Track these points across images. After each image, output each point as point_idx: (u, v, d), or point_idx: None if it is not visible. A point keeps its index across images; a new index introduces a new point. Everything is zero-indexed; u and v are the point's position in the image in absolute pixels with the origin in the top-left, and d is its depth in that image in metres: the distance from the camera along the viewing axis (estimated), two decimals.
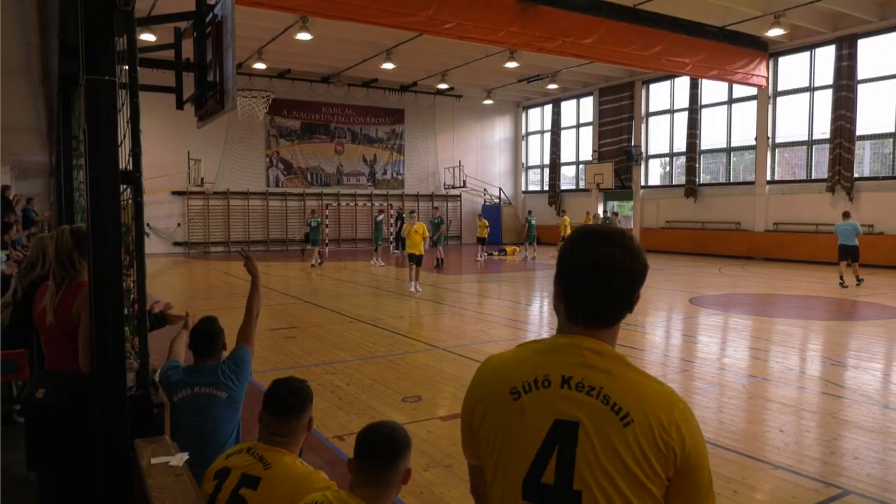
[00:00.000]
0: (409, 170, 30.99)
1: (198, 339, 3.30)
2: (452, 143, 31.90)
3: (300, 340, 8.75)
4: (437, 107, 31.14)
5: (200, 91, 3.82)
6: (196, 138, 24.03)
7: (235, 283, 16.19)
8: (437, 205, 31.35)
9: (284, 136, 28.00)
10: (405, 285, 15.69)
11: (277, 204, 27.71)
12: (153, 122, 22.02)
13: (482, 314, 11.13)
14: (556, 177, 30.97)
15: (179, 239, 25.94)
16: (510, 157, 33.92)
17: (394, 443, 2.06)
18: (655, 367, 7.37)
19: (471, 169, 31.78)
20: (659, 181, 27.47)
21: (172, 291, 14.25)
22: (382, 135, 30.31)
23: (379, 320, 10.33)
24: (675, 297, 13.41)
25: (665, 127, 26.48)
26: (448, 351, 8.07)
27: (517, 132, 33.85)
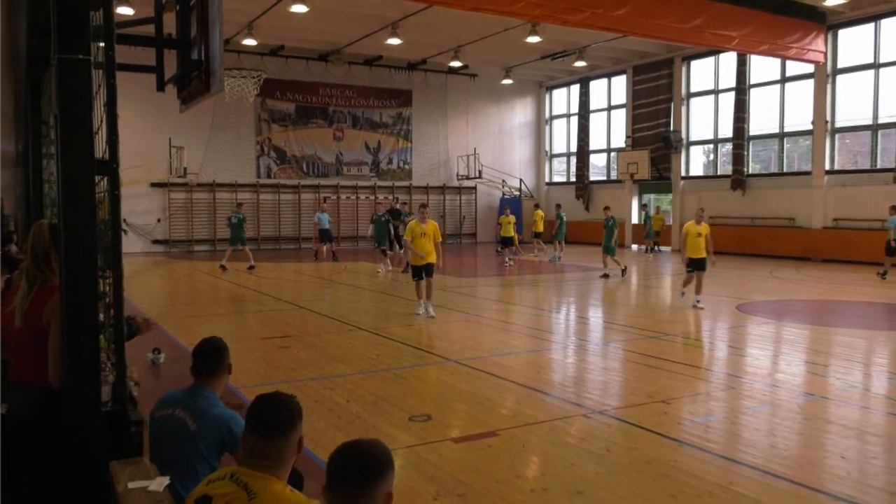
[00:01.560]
0: (417, 158, 31.02)
1: (198, 358, 3.33)
2: (466, 128, 31.89)
3: (294, 351, 8.77)
4: (448, 87, 31.15)
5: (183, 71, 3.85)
6: (178, 124, 24.20)
7: (222, 287, 16.27)
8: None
9: (277, 120, 28.13)
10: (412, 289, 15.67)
11: (269, 197, 27.85)
12: (131, 106, 22.20)
13: (501, 322, 11.12)
14: (584, 166, 30.87)
15: (159, 236, 26.14)
16: (532, 145, 33.85)
17: (368, 468, 2.03)
18: (698, 384, 7.33)
19: (487, 157, 31.75)
20: (701, 171, 27.28)
21: (151, 295, 14.36)
22: (387, 119, 30.37)
23: (383, 329, 10.34)
24: (720, 303, 13.31)
25: (709, 109, 26.31)
26: (462, 364, 8.06)
27: (540, 116, 33.78)
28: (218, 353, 3.35)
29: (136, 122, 23.33)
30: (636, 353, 8.65)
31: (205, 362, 3.32)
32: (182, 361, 8.05)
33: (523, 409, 6.34)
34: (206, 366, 3.31)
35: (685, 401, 6.66)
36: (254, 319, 11.66)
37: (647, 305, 13.81)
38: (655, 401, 6.53)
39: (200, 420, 3.14)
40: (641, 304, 14.11)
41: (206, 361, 3.32)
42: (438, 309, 12.29)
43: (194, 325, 10.71)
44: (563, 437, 5.59)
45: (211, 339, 3.41)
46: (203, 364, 3.31)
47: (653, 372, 7.70)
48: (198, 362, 3.32)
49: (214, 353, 3.35)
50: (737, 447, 5.39)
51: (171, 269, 20.00)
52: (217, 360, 3.33)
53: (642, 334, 9.98)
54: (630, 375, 7.70)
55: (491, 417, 6.07)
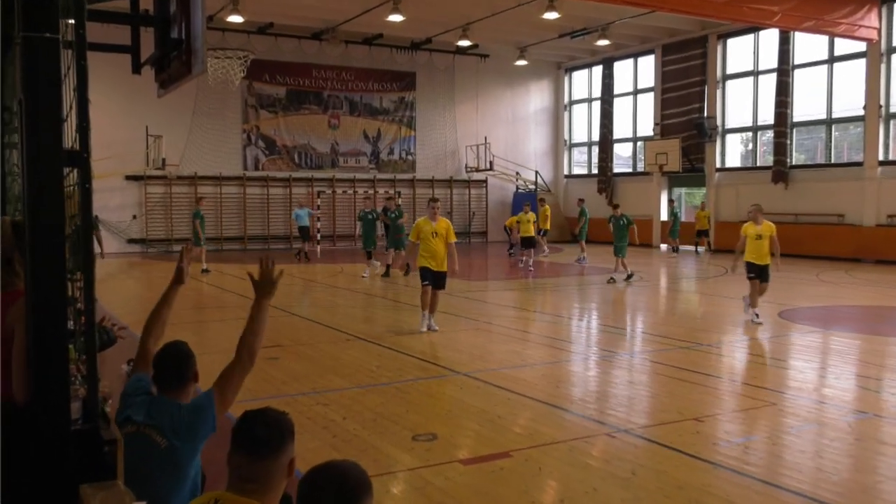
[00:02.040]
0: (421, 148, 31.05)
1: (160, 368, 3.31)
2: (476, 114, 31.90)
3: (285, 362, 8.79)
4: (456, 69, 31.18)
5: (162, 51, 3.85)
6: (156, 110, 24.30)
7: (206, 291, 16.32)
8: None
9: (266, 106, 28.22)
10: (416, 294, 15.67)
11: (257, 191, 27.93)
12: (104, 90, 22.23)
13: (514, 331, 11.11)
14: (607, 157, 30.84)
15: (135, 235, 26.25)
16: (549, 133, 33.83)
17: (343, 494, 2.03)
18: (734, 400, 7.30)
19: (500, 147, 31.76)
20: (739, 162, 27.20)
21: (126, 300, 14.41)
22: (388, 104, 30.42)
23: (384, 338, 10.35)
24: (760, 310, 13.28)
25: (747, 93, 26.23)
26: (471, 377, 8.06)
27: (558, 101, 33.76)
28: (182, 362, 3.33)
29: (109, 108, 23.42)
30: (665, 365, 8.63)
31: (167, 374, 3.29)
32: None
33: (539, 427, 6.33)
34: (169, 378, 3.28)
35: (720, 418, 6.63)
36: (239, 327, 11.62)
37: (677, 312, 13.75)
38: (687, 418, 6.51)
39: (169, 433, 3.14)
40: (671, 310, 14.06)
41: (170, 373, 3.30)
42: (445, 316, 12.28)
43: (175, 334, 10.65)
44: (584, 459, 5.57)
45: (172, 345, 3.39)
46: (165, 376, 3.29)
47: (684, 386, 7.67)
48: (159, 373, 3.30)
49: (178, 362, 3.32)
50: (779, 470, 5.36)
51: (147, 272, 20.07)
52: (181, 371, 3.32)
53: (672, 344, 9.95)
54: (659, 390, 7.67)
55: (503, 437, 6.06)
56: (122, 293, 15.08)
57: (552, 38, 28.31)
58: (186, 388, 3.34)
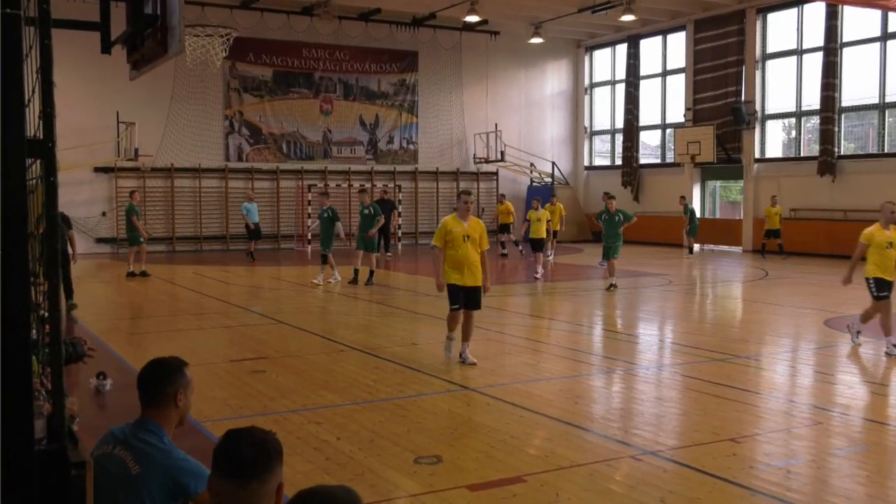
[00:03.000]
0: (424, 137, 31.09)
1: (139, 385, 3.34)
2: (486, 99, 31.92)
3: (272, 376, 8.81)
4: (464, 48, 31.21)
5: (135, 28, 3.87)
6: (129, 95, 24.35)
7: (182, 296, 16.35)
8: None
9: (250, 90, 28.29)
10: (418, 299, 15.72)
11: (240, 185, 27.99)
12: (70, 72, 22.37)
13: (529, 341, 11.11)
14: (632, 146, 30.82)
15: (105, 233, 26.33)
16: (567, 119, 33.82)
17: None
18: (775, 419, 7.29)
19: (512, 135, 31.78)
20: (781, 152, 27.16)
21: (95, 308, 14.45)
22: (387, 87, 30.46)
23: (382, 348, 10.37)
24: (805, 317, 13.23)
25: (790, 75, 26.19)
26: (480, 392, 8.07)
27: (577, 83, 33.75)
28: (162, 374, 3.35)
29: (76, 93, 23.52)
30: (698, 380, 8.62)
31: (146, 386, 3.32)
32: (133, 389, 8.08)
33: (556, 448, 6.33)
34: (146, 390, 3.31)
35: (759, 439, 6.62)
36: (221, 336, 11.71)
37: (712, 320, 13.74)
38: (722, 439, 6.51)
39: (144, 462, 3.16)
40: (704, 317, 14.04)
41: (148, 384, 3.32)
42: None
43: (148, 344, 10.77)
44: (607, 484, 5.57)
45: (158, 361, 3.41)
46: (143, 388, 3.32)
47: (719, 403, 7.67)
48: (139, 386, 3.34)
49: (158, 373, 3.34)
50: (825, 498, 5.35)
51: (118, 275, 20.12)
52: (160, 383, 3.34)
53: (706, 356, 9.94)
54: (690, 407, 7.67)
55: (516, 459, 6.06)
56: (90, 298, 15.11)
57: (571, 13, 28.30)
58: (165, 407, 3.33)
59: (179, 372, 3.39)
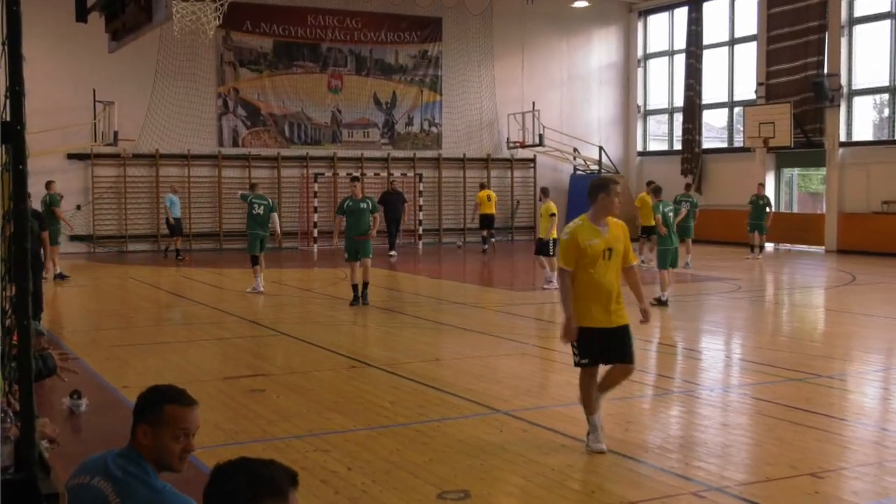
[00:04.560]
0: (449, 117, 31.10)
1: (137, 406, 3.40)
2: (521, 74, 31.86)
3: (272, 396, 8.84)
4: (495, 13, 31.17)
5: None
6: (107, 70, 24.58)
7: (168, 303, 16.45)
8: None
9: (247, 63, 28.44)
10: (442, 307, 15.69)
11: (235, 174, 28.15)
12: (40, 45, 22.60)
13: (570, 356, 11.05)
14: (693, 128, 30.61)
15: (80, 230, 26.54)
16: (617, 97, 33.67)
17: None
18: (865, 449, 7.21)
19: (552, 115, 31.69)
20: (871, 134, 26.85)
21: (69, 315, 14.59)
22: (406, 60, 30.48)
23: (400, 364, 10.38)
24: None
25: (883, 43, 25.89)
26: (515, 417, 8.05)
27: (629, 55, 33.59)
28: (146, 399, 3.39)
29: (46, 68, 23.75)
30: (772, 403, 8.54)
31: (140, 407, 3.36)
32: (112, 410, 8.18)
33: (605, 483, 6.31)
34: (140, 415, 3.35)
35: (845, 474, 6.56)
36: (213, 350, 11.76)
37: (788, 333, 13.62)
38: (801, 473, 6.45)
39: (127, 496, 3.19)
40: (780, 330, 13.92)
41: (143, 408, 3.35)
42: (481, 336, 12.26)
43: (130, 359, 10.85)
44: None
45: (155, 388, 3.45)
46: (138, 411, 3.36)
47: (797, 431, 7.60)
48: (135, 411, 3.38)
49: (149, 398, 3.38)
50: None
51: (96, 278, 20.31)
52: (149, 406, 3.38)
53: (781, 375, 9.86)
54: (763, 436, 7.61)
55: (557, 496, 6.04)
56: (63, 306, 15.28)
57: None
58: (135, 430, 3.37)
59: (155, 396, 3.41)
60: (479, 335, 12.35)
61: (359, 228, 15.28)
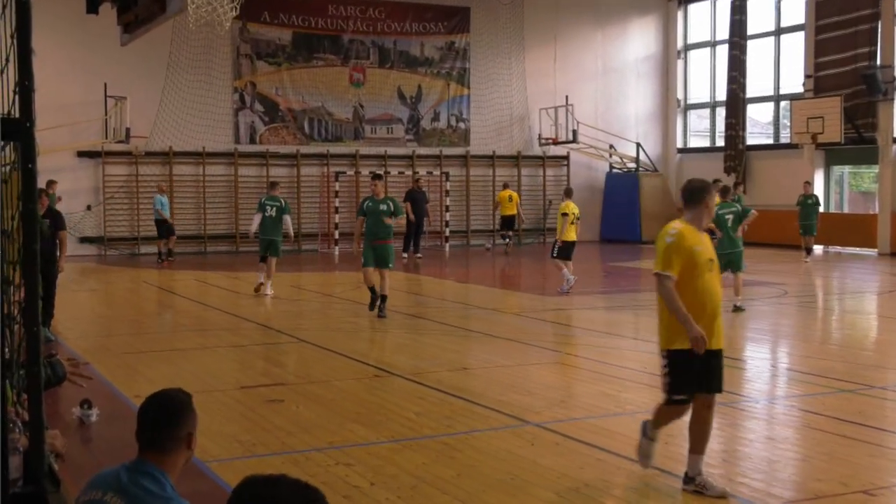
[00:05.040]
0: (478, 112, 31.07)
1: (142, 423, 3.37)
2: (553, 66, 31.78)
3: (291, 407, 8.86)
4: (525, 3, 31.12)
5: None
6: (119, 64, 24.74)
7: (183, 308, 16.54)
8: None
9: (265, 56, 28.55)
10: (470, 313, 15.66)
11: (252, 172, 28.26)
12: (50, 38, 22.78)
13: (606, 365, 11.01)
14: (737, 124, 30.38)
15: (90, 231, 26.76)
16: (656, 90, 33.52)
17: None
18: None
19: (586, 111, 31.59)
20: None
21: (79, 321, 14.69)
22: (432, 52, 30.49)
23: (426, 373, 10.37)
24: None
25: None
26: (547, 429, 8.03)
27: (668, 46, 33.42)
28: (173, 415, 3.37)
29: (57, 62, 23.93)
30: (821, 416, 8.47)
31: (151, 428, 3.34)
32: (123, 420, 8.21)
33: (643, 500, 6.27)
34: (152, 434, 3.33)
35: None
36: (230, 358, 11.81)
37: (839, 341, 13.50)
38: (852, 490, 6.39)
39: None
40: (829, 338, 13.79)
41: (154, 427, 3.34)
42: (511, 344, 12.24)
43: (141, 366, 10.91)
44: None
45: (164, 394, 3.44)
46: (149, 431, 3.34)
47: (848, 445, 7.53)
48: (142, 428, 3.36)
49: (168, 414, 3.37)
50: None
51: (106, 282, 20.46)
52: (170, 426, 3.36)
53: (831, 386, 9.77)
54: (812, 450, 7.54)
55: None
56: (71, 311, 15.38)
57: None
58: (176, 451, 3.36)
59: (191, 409, 3.42)
60: (509, 342, 12.32)
61: (378, 232, 14.46)
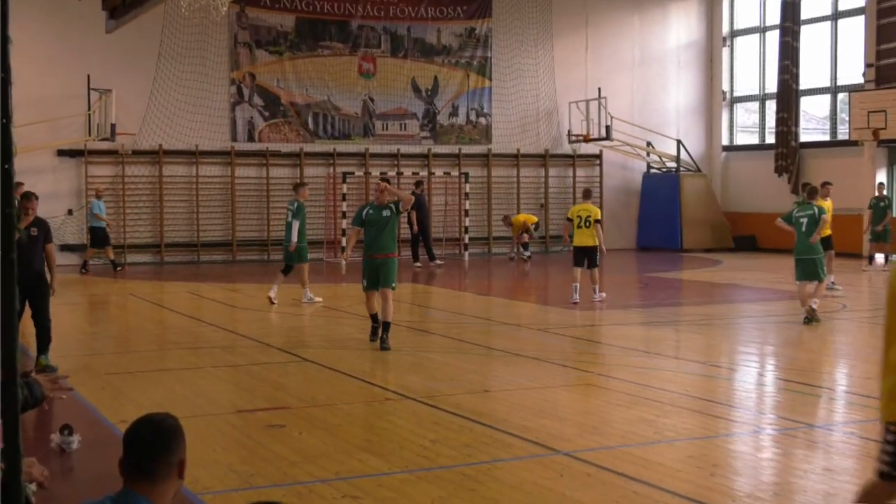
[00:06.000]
0: (500, 106, 31.09)
1: (129, 451, 3.40)
2: (585, 55, 31.80)
3: (294, 433, 8.88)
4: None
5: None
6: (104, 53, 24.88)
7: (174, 324, 16.58)
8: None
9: (265, 45, 28.65)
10: (491, 329, 15.65)
11: (251, 173, 28.36)
12: (29, 26, 22.93)
13: (643, 387, 10.99)
14: (789, 118, 30.30)
15: (71, 238, 26.86)
16: (699, 82, 33.48)
17: None
18: None
19: (621, 104, 31.57)
20: None
21: (60, 338, 14.74)
22: (450, 40, 30.53)
23: (443, 396, 10.37)
24: None
25: None
26: (577, 458, 8.02)
27: (713, 32, 33.40)
28: (162, 442, 3.40)
29: (35, 52, 24.07)
30: None
31: (139, 456, 3.37)
32: (107, 447, 8.24)
33: None
34: (140, 462, 3.36)
35: None
36: (226, 379, 11.84)
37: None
38: None
39: None
40: None
41: (142, 455, 3.37)
42: (537, 363, 12.24)
43: (128, 389, 10.95)
44: None
45: (150, 419, 3.47)
46: (136, 459, 3.37)
47: None
48: (129, 455, 3.39)
49: (156, 440, 3.40)
50: None
51: (90, 294, 20.53)
52: (159, 453, 3.39)
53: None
54: None
55: None
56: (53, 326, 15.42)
57: None
58: (166, 481, 3.39)
59: (181, 435, 3.45)
60: (536, 362, 12.32)
61: (380, 245, 13.53)
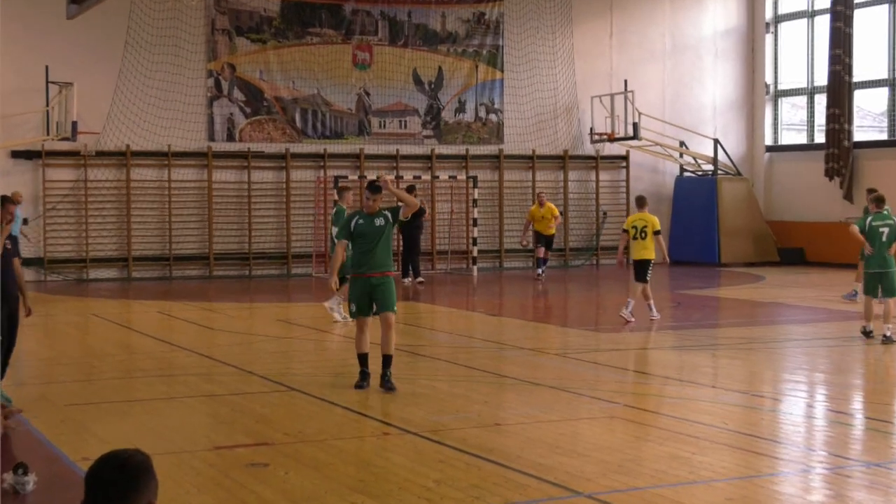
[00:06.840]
0: (513, 101, 31.15)
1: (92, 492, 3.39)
2: (609, 43, 31.87)
3: (278, 472, 8.85)
4: None
5: None
6: (64, 43, 24.95)
7: (143, 348, 16.56)
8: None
9: (246, 32, 28.71)
10: (503, 355, 15.60)
11: (231, 177, 28.40)
12: None
13: (677, 421, 10.97)
14: (841, 115, 30.25)
15: (27, 252, 26.77)
16: (738, 74, 33.53)
17: None
18: None
19: (651, 99, 31.64)
20: None
21: (14, 363, 14.73)
22: (456, 26, 30.59)
23: (448, 431, 10.35)
24: None
25: None
26: (599, 501, 7.99)
27: (754, 17, 33.46)
28: (128, 483, 3.38)
29: None
30: None
31: (103, 498, 3.35)
32: (67, 489, 8.23)
33: None
34: (105, 503, 3.34)
35: None
36: (202, 411, 11.81)
37: None
38: None
39: None
40: None
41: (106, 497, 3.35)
42: (557, 393, 12.22)
43: (90, 422, 10.91)
44: None
45: (116, 456, 3.46)
46: (100, 499, 3.35)
47: None
48: (91, 498, 3.38)
49: (123, 480, 3.38)
50: None
51: (46, 314, 20.51)
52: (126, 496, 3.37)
53: None
54: None
55: None
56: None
57: None
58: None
59: (151, 474, 3.45)
60: (553, 391, 12.30)
61: (375, 261, 12.54)
